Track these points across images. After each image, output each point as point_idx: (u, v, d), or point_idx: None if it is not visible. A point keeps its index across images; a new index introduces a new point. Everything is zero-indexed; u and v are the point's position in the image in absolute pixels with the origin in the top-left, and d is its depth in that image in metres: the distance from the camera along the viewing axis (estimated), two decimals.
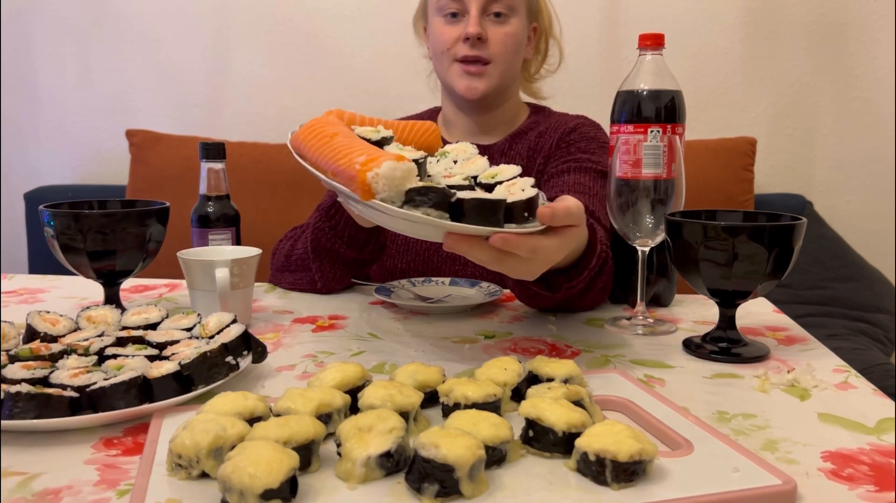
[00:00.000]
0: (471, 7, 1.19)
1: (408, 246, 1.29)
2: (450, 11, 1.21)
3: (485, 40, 1.20)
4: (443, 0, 1.22)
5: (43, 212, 0.99)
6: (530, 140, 1.28)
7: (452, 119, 1.32)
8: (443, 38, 1.22)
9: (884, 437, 0.66)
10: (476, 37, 1.19)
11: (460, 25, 1.21)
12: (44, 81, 2.29)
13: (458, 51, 1.21)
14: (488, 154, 1.26)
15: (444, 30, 1.23)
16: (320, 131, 0.82)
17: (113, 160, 2.27)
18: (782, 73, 2.06)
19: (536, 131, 1.29)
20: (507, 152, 1.28)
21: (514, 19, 1.22)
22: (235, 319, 0.85)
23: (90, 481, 0.58)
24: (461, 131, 1.31)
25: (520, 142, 1.29)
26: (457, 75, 1.23)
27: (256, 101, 2.22)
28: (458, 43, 1.21)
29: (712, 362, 0.87)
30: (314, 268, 1.16)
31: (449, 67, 1.23)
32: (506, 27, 1.21)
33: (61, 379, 0.69)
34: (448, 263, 1.28)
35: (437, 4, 1.24)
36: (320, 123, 0.85)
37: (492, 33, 1.20)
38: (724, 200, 1.85)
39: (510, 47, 1.22)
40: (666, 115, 1.02)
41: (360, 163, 0.73)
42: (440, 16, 1.23)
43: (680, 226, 0.88)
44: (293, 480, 0.53)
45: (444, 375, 0.72)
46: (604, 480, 0.55)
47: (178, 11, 2.20)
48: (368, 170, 0.72)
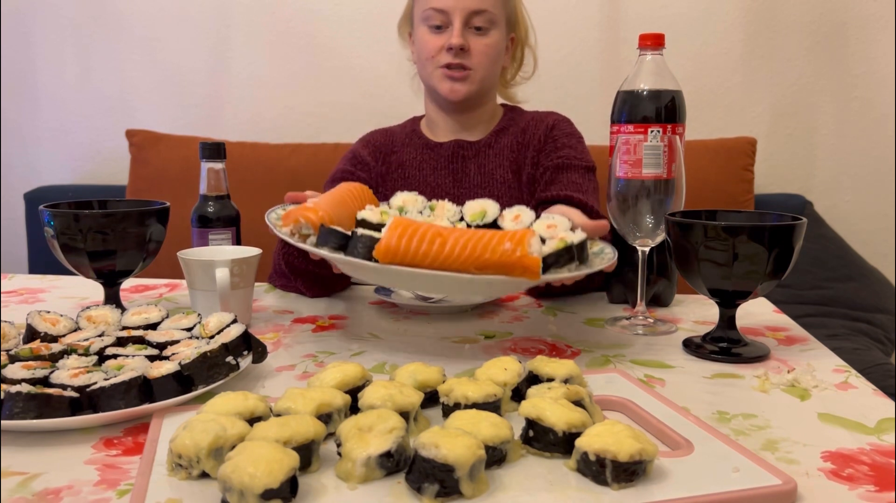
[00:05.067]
0: (454, 20, 1.26)
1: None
2: (435, 23, 1.29)
3: (467, 50, 1.27)
4: (428, 11, 1.28)
5: (43, 212, 0.99)
6: (514, 135, 1.36)
7: (436, 119, 1.39)
8: (428, 47, 1.30)
9: (884, 437, 0.66)
10: (459, 48, 1.26)
11: (444, 36, 1.28)
12: (44, 81, 2.29)
13: (441, 59, 1.28)
14: (475, 149, 1.35)
15: (428, 38, 1.30)
16: (417, 234, 0.82)
17: (113, 160, 2.27)
18: (782, 73, 2.06)
19: (517, 127, 1.37)
20: (494, 146, 1.35)
21: (493, 31, 1.30)
22: (235, 319, 0.85)
23: (90, 481, 0.58)
24: (445, 130, 1.38)
25: (503, 137, 1.36)
26: (440, 79, 1.30)
27: (256, 101, 2.22)
28: (442, 52, 1.28)
29: (712, 362, 0.87)
30: (298, 284, 1.20)
31: (433, 72, 1.31)
32: (486, 39, 1.29)
33: (61, 379, 0.69)
34: None
35: (422, 14, 1.30)
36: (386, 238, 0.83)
37: (473, 44, 1.28)
38: (724, 200, 1.85)
39: (490, 57, 1.30)
40: (666, 115, 1.02)
41: (512, 250, 0.80)
42: (425, 25, 1.30)
43: (680, 226, 0.88)
44: (293, 480, 0.53)
45: (444, 375, 0.72)
46: (604, 480, 0.55)
47: (179, 11, 2.20)
48: (526, 253, 0.80)
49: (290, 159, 2.00)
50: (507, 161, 1.34)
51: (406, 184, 1.35)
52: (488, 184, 1.33)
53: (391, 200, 1.04)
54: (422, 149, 1.37)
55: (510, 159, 1.34)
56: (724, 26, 2.05)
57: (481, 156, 1.34)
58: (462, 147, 1.35)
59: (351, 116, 2.15)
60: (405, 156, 1.37)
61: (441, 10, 1.27)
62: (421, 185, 1.34)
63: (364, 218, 0.91)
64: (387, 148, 1.39)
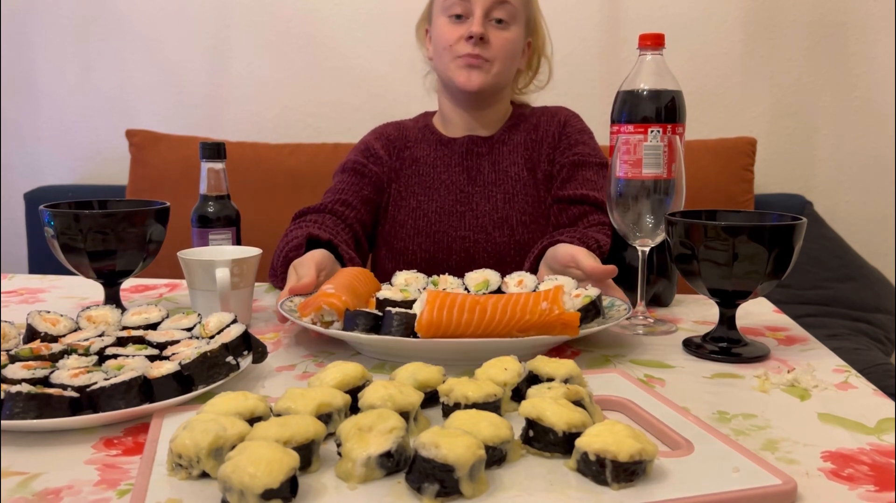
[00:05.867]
0: (475, 10, 1.26)
1: (418, 229, 1.33)
2: (455, 13, 1.28)
3: (486, 41, 1.27)
4: (449, 1, 1.28)
5: (43, 212, 0.99)
6: (526, 131, 1.37)
7: (449, 115, 1.38)
8: (446, 37, 1.29)
9: (884, 437, 0.66)
10: (479, 36, 1.25)
11: (464, 26, 1.27)
12: (44, 81, 2.29)
13: (460, 49, 1.28)
14: (489, 145, 1.35)
15: (448, 28, 1.29)
16: (456, 304, 0.83)
17: (113, 160, 2.27)
18: (782, 73, 2.06)
19: (529, 123, 1.38)
20: (507, 142, 1.36)
21: (513, 27, 1.29)
22: (236, 319, 0.85)
23: (90, 481, 0.58)
24: (458, 126, 1.38)
25: (516, 133, 1.37)
26: (457, 68, 1.29)
27: (256, 101, 2.22)
28: (461, 41, 1.27)
29: (712, 362, 0.87)
30: None
31: (450, 63, 1.30)
32: (506, 32, 1.29)
33: (62, 379, 0.69)
34: (458, 253, 1.31)
35: (443, 4, 1.30)
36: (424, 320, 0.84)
37: (493, 36, 1.27)
38: (724, 200, 1.85)
39: (508, 51, 1.29)
40: (666, 115, 1.02)
41: (549, 309, 0.83)
42: (445, 16, 1.30)
43: (680, 226, 0.88)
44: (293, 480, 0.53)
45: (444, 375, 0.72)
46: (604, 480, 0.55)
47: (179, 11, 2.19)
48: (563, 310, 0.82)
49: (290, 159, 2.00)
50: (521, 158, 1.34)
51: (420, 180, 1.34)
52: (502, 181, 1.33)
53: (392, 280, 1.06)
54: (435, 144, 1.37)
55: (524, 156, 1.34)
56: (724, 26, 2.05)
57: (495, 152, 1.35)
58: (475, 143, 1.35)
59: (351, 116, 2.15)
60: (419, 151, 1.37)
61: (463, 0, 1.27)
62: (434, 182, 1.34)
63: (387, 297, 0.93)
64: (400, 142, 1.39)
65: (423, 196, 1.34)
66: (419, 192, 1.34)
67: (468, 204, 1.32)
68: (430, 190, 1.34)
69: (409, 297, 0.94)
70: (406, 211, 1.34)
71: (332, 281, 0.96)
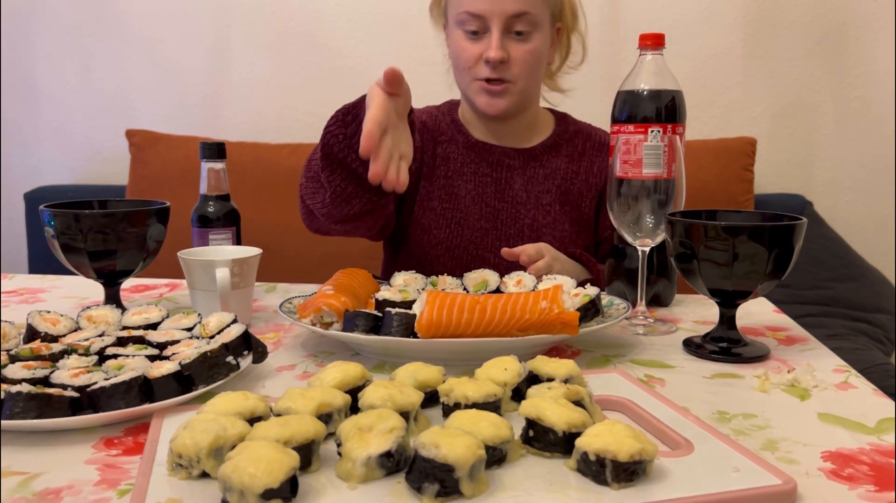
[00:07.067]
0: (493, 27, 1.15)
1: (440, 239, 1.27)
2: (470, 29, 1.18)
3: (506, 62, 1.18)
4: (463, 15, 1.17)
5: (43, 212, 0.99)
6: (568, 157, 1.30)
7: (472, 122, 1.31)
8: (464, 56, 1.20)
9: (884, 437, 0.66)
10: (498, 61, 1.16)
11: (482, 44, 1.18)
12: (44, 81, 2.29)
13: (479, 72, 1.19)
14: (523, 160, 1.28)
15: (464, 45, 1.19)
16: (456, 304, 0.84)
17: (113, 160, 2.27)
18: (782, 73, 2.06)
19: (573, 147, 1.31)
20: (545, 164, 1.29)
21: (536, 35, 1.19)
22: (236, 319, 0.85)
23: (91, 481, 0.58)
24: (483, 134, 1.30)
25: (555, 157, 1.29)
26: (477, 92, 1.21)
27: (256, 101, 2.22)
28: (480, 63, 1.18)
29: (712, 362, 0.87)
30: (323, 178, 1.02)
31: (470, 84, 1.22)
32: (528, 45, 1.18)
33: (62, 379, 0.69)
34: (476, 261, 1.26)
35: (457, 18, 1.19)
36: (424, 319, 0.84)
37: (513, 52, 1.18)
38: (724, 200, 1.85)
39: (531, 65, 1.20)
40: (666, 115, 1.02)
41: (549, 308, 0.83)
42: (461, 30, 1.20)
43: (680, 226, 0.88)
44: (293, 480, 0.53)
45: (444, 375, 0.72)
46: (604, 480, 0.55)
47: (179, 12, 2.20)
48: (563, 309, 0.83)
49: (290, 159, 2.00)
50: (556, 188, 1.27)
51: (447, 183, 1.27)
52: (533, 207, 1.26)
53: (392, 280, 1.05)
54: (464, 148, 1.28)
55: (560, 187, 1.27)
56: (724, 26, 2.05)
57: (529, 170, 1.27)
58: (508, 156, 1.27)
59: None
60: (449, 151, 1.28)
61: (477, 15, 1.15)
62: (461, 189, 1.27)
63: (386, 298, 0.93)
64: (431, 135, 1.29)
65: (448, 204, 1.27)
66: (445, 199, 1.27)
67: (493, 220, 1.26)
68: (456, 198, 1.27)
69: (408, 298, 0.94)
70: (431, 216, 1.27)
71: (334, 283, 0.96)
